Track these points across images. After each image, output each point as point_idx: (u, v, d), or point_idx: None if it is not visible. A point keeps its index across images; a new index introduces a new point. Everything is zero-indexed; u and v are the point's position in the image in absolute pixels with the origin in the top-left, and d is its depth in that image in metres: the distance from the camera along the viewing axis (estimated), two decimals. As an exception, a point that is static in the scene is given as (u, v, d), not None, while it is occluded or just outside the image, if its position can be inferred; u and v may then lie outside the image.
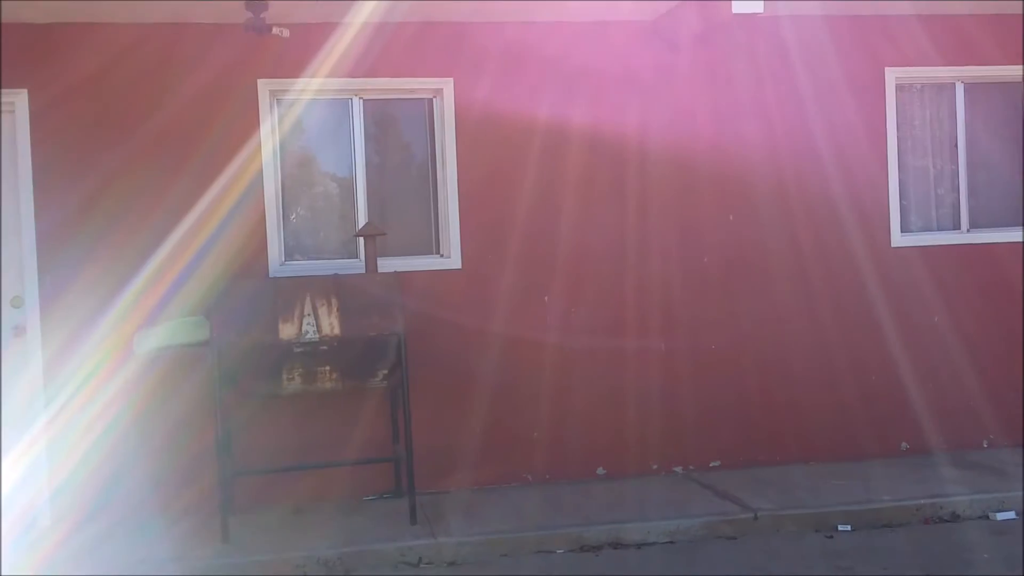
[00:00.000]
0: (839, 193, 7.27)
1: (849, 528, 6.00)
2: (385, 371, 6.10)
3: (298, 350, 5.87)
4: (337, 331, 5.93)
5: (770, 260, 7.20)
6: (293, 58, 6.53)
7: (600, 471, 6.99)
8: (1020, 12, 7.33)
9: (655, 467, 7.04)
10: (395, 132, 7.08)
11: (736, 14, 6.26)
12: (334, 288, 6.00)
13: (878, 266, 7.30)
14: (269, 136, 6.62)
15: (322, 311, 5.95)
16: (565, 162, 6.98)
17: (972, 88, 7.55)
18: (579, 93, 7.00)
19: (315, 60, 6.55)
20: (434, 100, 6.94)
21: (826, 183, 7.26)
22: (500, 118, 6.90)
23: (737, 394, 7.14)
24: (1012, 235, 7.50)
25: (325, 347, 5.91)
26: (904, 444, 7.30)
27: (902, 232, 7.37)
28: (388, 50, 6.65)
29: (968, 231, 7.50)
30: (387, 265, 6.58)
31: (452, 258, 6.86)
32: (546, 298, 6.94)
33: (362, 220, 6.78)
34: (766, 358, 7.18)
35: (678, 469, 7.08)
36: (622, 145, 7.05)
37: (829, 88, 7.27)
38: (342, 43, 6.53)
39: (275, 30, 6.20)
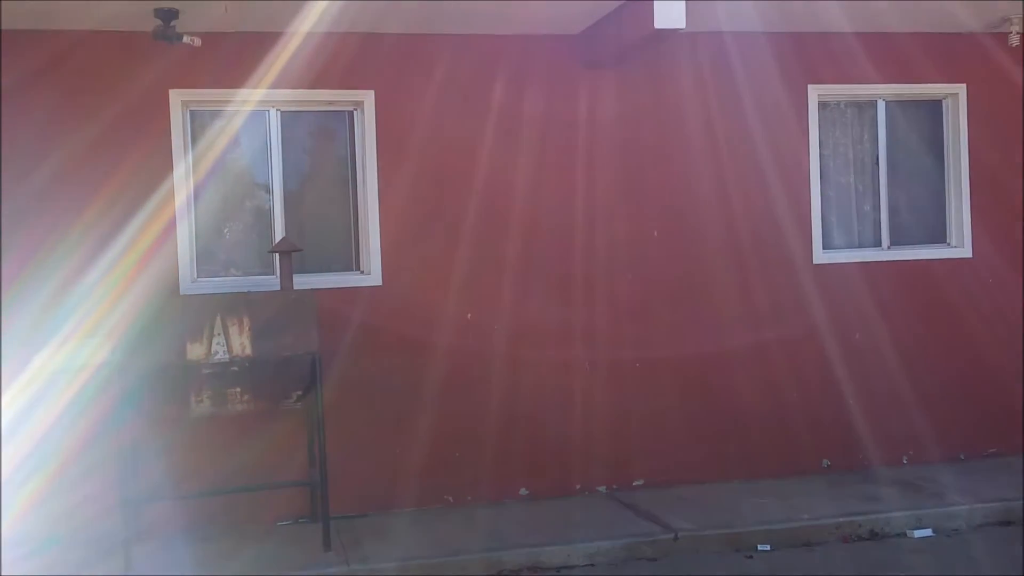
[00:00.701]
0: (763, 210, 7.28)
1: (768, 548, 5.98)
2: (300, 392, 5.95)
3: (207, 371, 5.68)
4: (249, 351, 5.75)
5: (694, 278, 7.18)
6: (208, 68, 6.35)
7: (523, 492, 6.89)
8: (941, 31, 7.40)
9: (578, 487, 6.96)
10: (314, 145, 6.91)
11: (659, 29, 6.20)
12: (246, 306, 5.82)
13: (800, 283, 7.32)
14: (181, 148, 6.41)
15: (233, 330, 5.76)
16: (490, 177, 6.88)
17: (893, 106, 7.61)
18: (505, 106, 6.91)
19: (231, 70, 6.37)
20: (355, 112, 6.80)
21: (750, 200, 7.26)
22: (423, 131, 6.78)
23: (659, 412, 7.10)
24: (932, 252, 7.58)
25: (236, 368, 5.73)
26: (825, 461, 7.32)
27: (824, 249, 7.39)
28: (307, 61, 6.47)
29: (889, 248, 7.55)
30: (304, 282, 6.41)
31: (372, 275, 6.71)
32: (469, 315, 6.83)
33: (279, 235, 6.60)
34: (688, 376, 7.16)
35: (601, 488, 7.01)
36: (546, 159, 6.97)
37: (753, 105, 7.27)
38: (259, 53, 6.37)
39: (186, 39, 6.00)
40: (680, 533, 6.02)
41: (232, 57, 6.35)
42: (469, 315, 6.82)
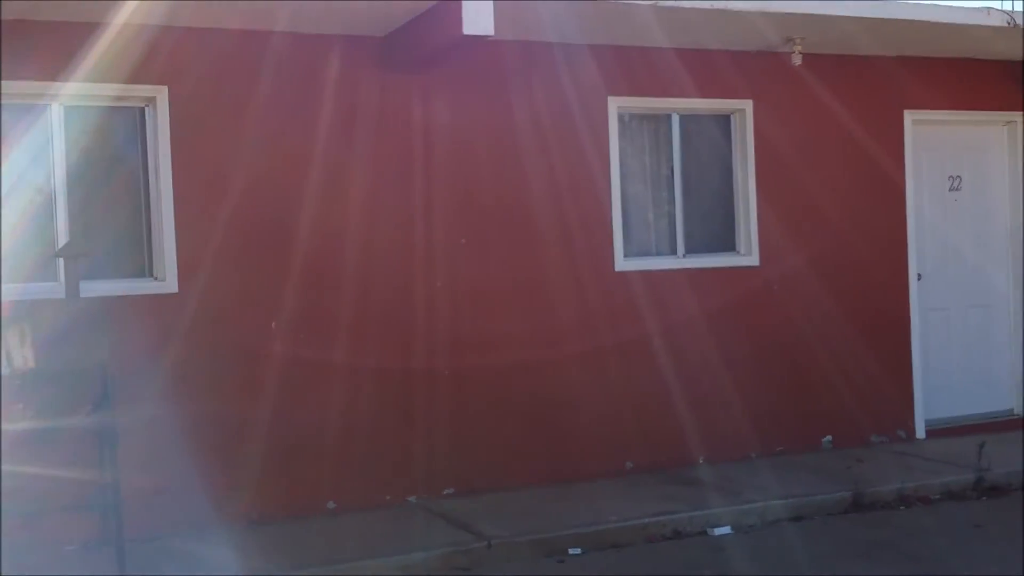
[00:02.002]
0: (564, 218, 7.38)
1: (579, 551, 6.04)
2: (88, 408, 5.50)
3: (-15, 387, 5.17)
4: (31, 364, 5.28)
5: (499, 285, 7.19)
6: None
7: (330, 505, 6.66)
8: (730, 48, 7.77)
9: (388, 498, 6.81)
10: (103, 143, 6.41)
11: (467, 35, 6.18)
12: (28, 316, 5.36)
13: (602, 290, 7.49)
14: (-52, 145, 5.82)
15: (13, 342, 5.29)
16: (291, 180, 6.64)
17: (687, 119, 7.93)
18: (307, 107, 6.69)
19: (5, 60, 5.83)
20: (146, 109, 6.39)
21: (552, 208, 7.35)
22: (221, 132, 6.47)
23: (468, 420, 7.05)
24: (724, 260, 7.94)
25: (18, 382, 5.26)
26: (629, 463, 7.51)
27: (624, 257, 7.59)
28: (94, 53, 6.00)
29: (684, 256, 7.85)
30: (92, 289, 5.93)
31: (168, 281, 6.32)
32: (273, 324, 6.55)
33: (63, 239, 6.10)
34: (496, 384, 7.15)
35: (412, 499, 6.89)
36: (348, 163, 6.79)
37: (556, 115, 7.37)
38: (37, 42, 5.87)
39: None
40: (493, 541, 5.98)
41: (7, 46, 5.82)
42: (274, 324, 6.55)
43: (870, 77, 8.28)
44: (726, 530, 6.37)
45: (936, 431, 8.48)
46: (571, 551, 6.04)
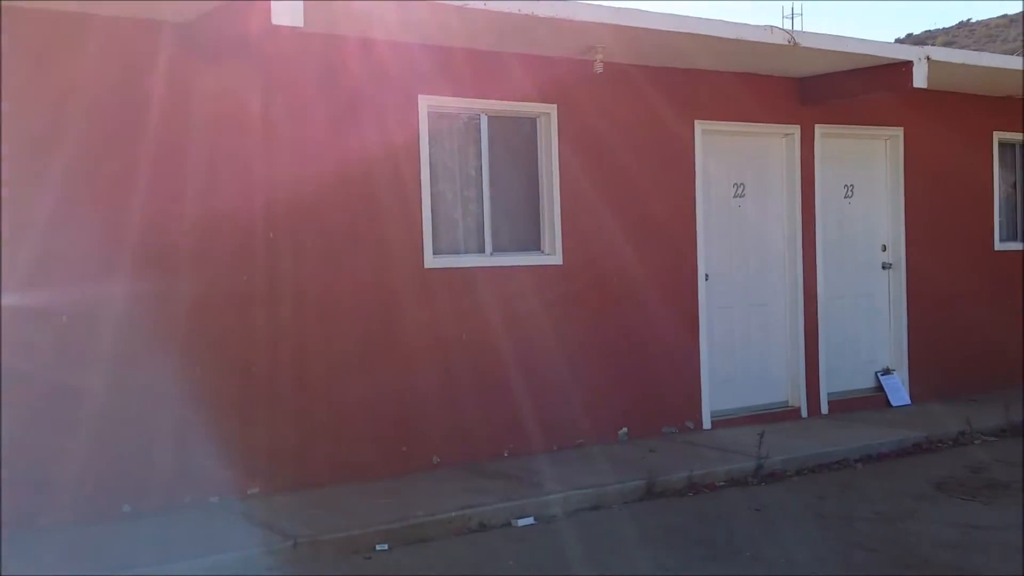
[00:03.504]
0: (375, 215, 7.38)
1: (387, 547, 6.06)
2: None
3: None
4: None
5: (309, 281, 7.11)
6: None
7: (126, 508, 6.38)
8: (537, 53, 7.99)
9: (188, 499, 6.60)
10: None
11: (276, 25, 6.07)
12: None
13: (411, 287, 7.53)
14: None
15: None
16: (84, 169, 6.33)
17: (495, 121, 8.08)
18: (105, 94, 6.39)
19: None
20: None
21: (362, 205, 7.33)
22: (18, 116, 6.07)
23: (270, 419, 6.93)
24: (529, 259, 8.15)
25: None
26: (436, 458, 7.59)
27: (434, 254, 7.67)
28: None
29: (491, 255, 8.01)
30: None
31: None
32: (64, 319, 6.21)
33: None
34: (297, 381, 7.05)
35: (214, 499, 6.69)
36: (146, 154, 6.53)
37: (368, 111, 7.36)
38: None
39: None
40: (299, 540, 5.91)
41: None
42: (65, 319, 6.21)
43: (665, 87, 8.70)
44: (529, 521, 6.56)
45: (721, 422, 9.03)
46: (378, 547, 6.05)
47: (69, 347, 6.27)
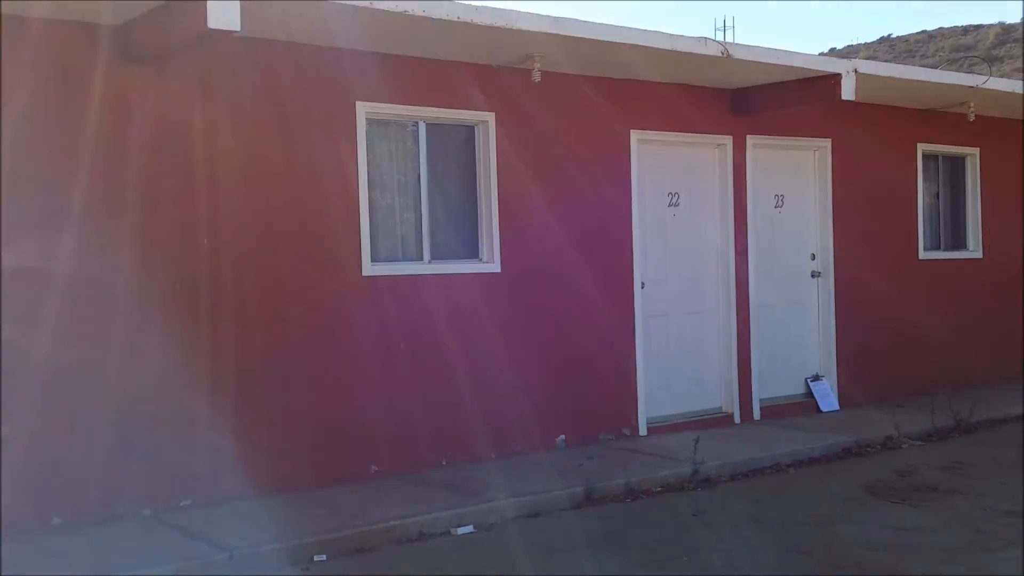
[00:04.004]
0: (313, 223, 7.31)
1: (324, 557, 6.00)
2: None
3: None
4: None
5: (243, 288, 7.01)
6: None
7: (56, 521, 6.21)
8: (474, 61, 8.00)
9: (121, 512, 6.43)
10: None
11: (212, 29, 5.98)
12: None
13: (349, 294, 7.48)
14: None
15: None
16: (12, 171, 6.16)
17: (433, 128, 8.07)
18: (29, 97, 6.22)
19: None
20: None
21: (300, 212, 7.26)
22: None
23: (204, 428, 6.80)
24: (467, 267, 8.14)
25: None
26: (374, 467, 7.52)
27: (372, 262, 7.61)
28: None
29: (430, 262, 7.98)
30: None
31: None
32: (-12, 328, 6.03)
33: None
34: (233, 390, 6.94)
35: (147, 512, 6.54)
36: (81, 159, 6.39)
37: (306, 117, 7.30)
38: None
39: None
40: (235, 551, 5.82)
41: None
42: (-10, 328, 6.03)
43: (603, 97, 8.77)
44: (469, 529, 6.54)
45: (657, 428, 9.12)
46: (316, 558, 5.98)
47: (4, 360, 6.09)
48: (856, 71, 9.08)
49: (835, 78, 9.01)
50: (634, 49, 7.91)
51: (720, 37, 9.55)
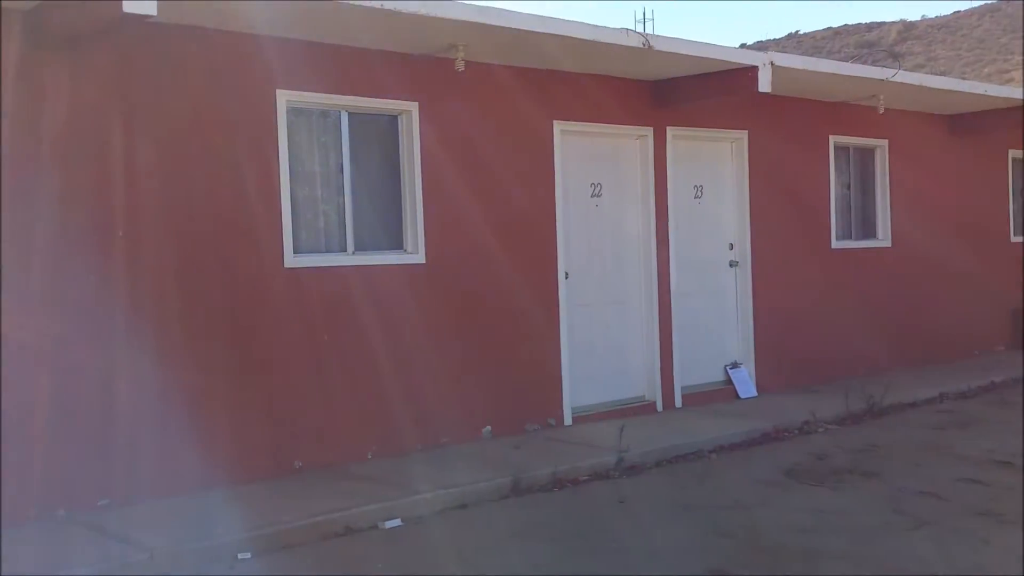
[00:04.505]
0: (233, 211, 7.16)
1: (249, 555, 5.88)
2: None
3: None
4: None
5: (161, 281, 6.83)
6: None
7: (-37, 525, 5.98)
8: (397, 50, 7.92)
9: (33, 512, 6.22)
10: None
11: (127, 14, 5.80)
12: None
13: (273, 287, 7.34)
14: None
15: None
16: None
17: (356, 118, 7.96)
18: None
19: None
20: None
21: (220, 200, 7.10)
22: None
23: (120, 425, 6.61)
24: (392, 258, 8.06)
25: None
26: (297, 462, 7.41)
27: (295, 253, 7.48)
28: None
29: (354, 253, 7.88)
30: None
31: None
32: None
33: None
34: (150, 384, 6.75)
35: (61, 512, 6.33)
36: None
37: (225, 104, 7.14)
38: None
39: None
40: (155, 551, 5.68)
41: None
42: None
43: (527, 87, 8.77)
44: (396, 523, 6.48)
45: (581, 417, 9.18)
46: (240, 556, 5.87)
47: None
48: (772, 63, 9.25)
49: (752, 70, 9.17)
50: (557, 39, 7.92)
51: (640, 30, 9.55)
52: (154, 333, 6.77)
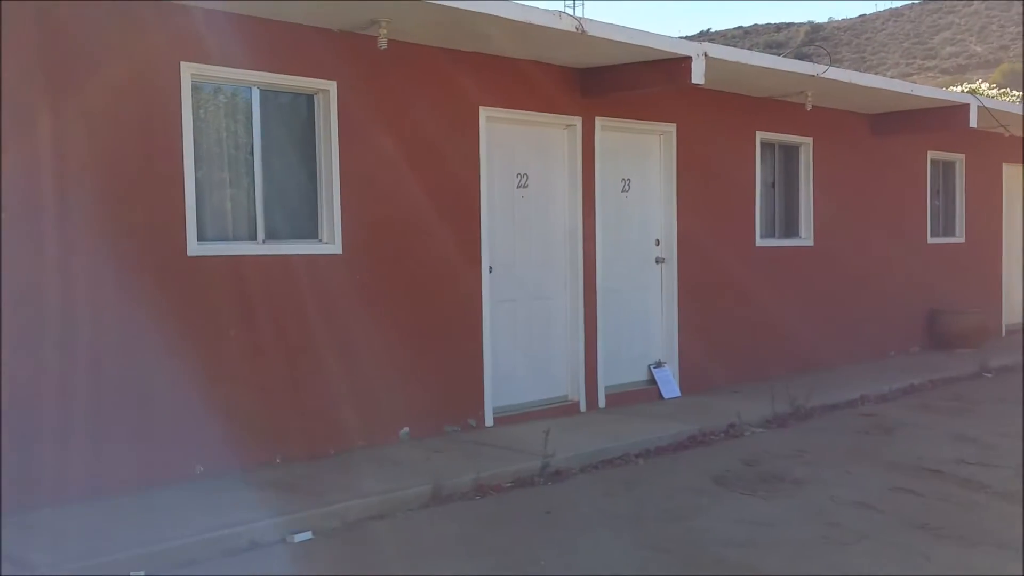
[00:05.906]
0: (130, 193, 6.55)
1: (143, 574, 5.32)
2: None
3: None
4: None
5: (52, 270, 6.21)
6: None
7: None
8: (312, 24, 7.36)
9: None
10: None
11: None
12: None
13: (173, 277, 6.74)
14: None
15: None
16: None
17: (269, 96, 7.38)
18: None
19: None
20: None
21: (115, 182, 6.48)
22: None
23: (12, 422, 5.99)
24: (306, 247, 7.52)
25: None
26: (199, 467, 6.83)
27: (199, 241, 6.89)
28: None
29: (264, 242, 7.31)
30: None
31: None
32: None
33: None
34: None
35: (-74, 528, 5.67)
36: None
37: (121, 76, 6.52)
38: None
39: None
40: (38, 570, 5.08)
41: None
42: None
43: (452, 70, 8.29)
44: (307, 536, 5.98)
45: (503, 419, 8.76)
46: (133, 574, 5.30)
47: None
48: (706, 55, 8.96)
49: (685, 61, 8.85)
50: (486, 19, 7.46)
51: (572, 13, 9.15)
52: (40, 328, 6.12)
